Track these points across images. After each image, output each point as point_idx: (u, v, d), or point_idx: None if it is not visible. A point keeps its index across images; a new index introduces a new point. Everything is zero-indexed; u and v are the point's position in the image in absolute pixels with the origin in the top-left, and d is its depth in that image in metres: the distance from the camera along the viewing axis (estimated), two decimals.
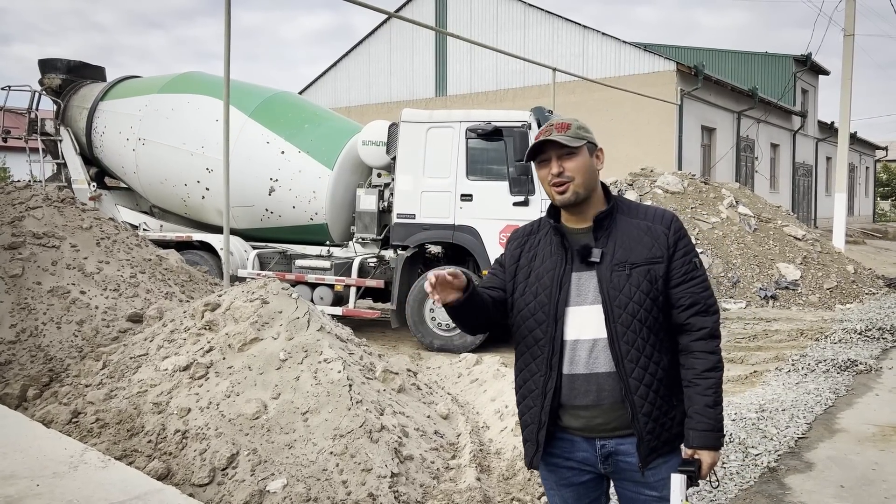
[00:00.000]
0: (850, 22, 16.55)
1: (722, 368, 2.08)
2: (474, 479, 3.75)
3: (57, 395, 4.37)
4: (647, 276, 2.03)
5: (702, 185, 14.83)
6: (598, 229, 2.09)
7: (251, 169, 9.17)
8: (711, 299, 2.08)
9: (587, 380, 2.06)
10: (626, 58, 20.29)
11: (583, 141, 2.06)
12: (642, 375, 2.02)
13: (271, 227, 9.58)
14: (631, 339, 2.01)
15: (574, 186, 2.05)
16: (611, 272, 2.04)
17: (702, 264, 2.12)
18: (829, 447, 4.83)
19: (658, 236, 2.07)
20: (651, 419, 2.02)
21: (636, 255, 2.04)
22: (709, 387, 2.03)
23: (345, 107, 23.86)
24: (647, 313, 2.02)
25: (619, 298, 2.02)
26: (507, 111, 8.52)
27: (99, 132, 10.26)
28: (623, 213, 2.11)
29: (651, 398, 2.02)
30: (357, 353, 4.66)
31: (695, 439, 2.03)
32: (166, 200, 10.16)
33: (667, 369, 2.06)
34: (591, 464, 2.12)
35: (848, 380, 6.68)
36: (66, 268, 5.65)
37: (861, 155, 37.73)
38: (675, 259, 2.06)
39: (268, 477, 3.51)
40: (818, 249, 13.71)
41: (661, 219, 2.11)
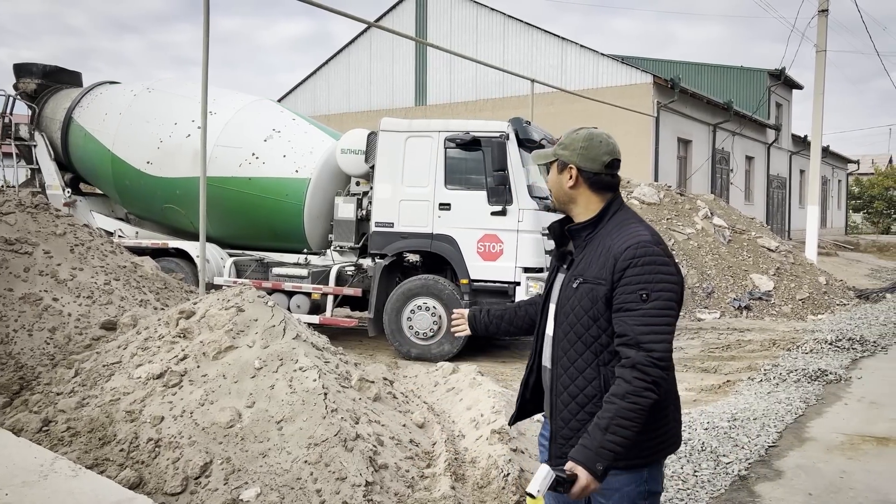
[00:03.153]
0: (821, 38, 16.88)
1: (634, 403, 1.94)
2: (449, 487, 3.77)
3: (27, 404, 4.31)
4: (590, 294, 2.09)
5: (677, 196, 15.01)
6: (574, 238, 2.23)
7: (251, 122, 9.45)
8: (647, 336, 1.96)
9: (547, 373, 2.27)
10: (603, 70, 20.50)
11: (551, 157, 2.26)
12: (568, 383, 2.13)
13: (249, 216, 9.24)
14: (566, 346, 2.14)
15: (553, 197, 2.30)
16: (568, 281, 2.18)
17: (659, 298, 1.99)
18: (798, 456, 4.91)
19: (608, 260, 2.07)
20: (567, 426, 2.13)
21: (589, 272, 2.11)
22: (609, 411, 1.95)
23: (324, 115, 23.83)
24: (584, 329, 2.10)
25: (565, 307, 2.16)
26: (485, 121, 8.58)
27: (74, 137, 10.15)
28: (607, 231, 2.15)
29: (572, 407, 2.11)
30: (333, 361, 4.65)
31: (575, 451, 1.98)
32: (147, 215, 10.14)
33: (601, 390, 2.06)
34: None
35: (818, 389, 6.78)
36: (38, 274, 5.58)
37: (834, 168, 38.39)
38: (619, 286, 2.03)
39: (241, 486, 3.49)
40: (791, 261, 13.93)
41: (620, 244, 2.06)
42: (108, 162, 9.85)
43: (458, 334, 2.39)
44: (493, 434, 4.32)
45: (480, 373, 5.74)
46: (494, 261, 7.93)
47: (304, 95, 25.93)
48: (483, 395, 5.13)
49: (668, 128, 20.60)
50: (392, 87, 24.04)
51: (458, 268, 8.05)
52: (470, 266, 7.98)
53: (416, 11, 23.43)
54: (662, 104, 19.92)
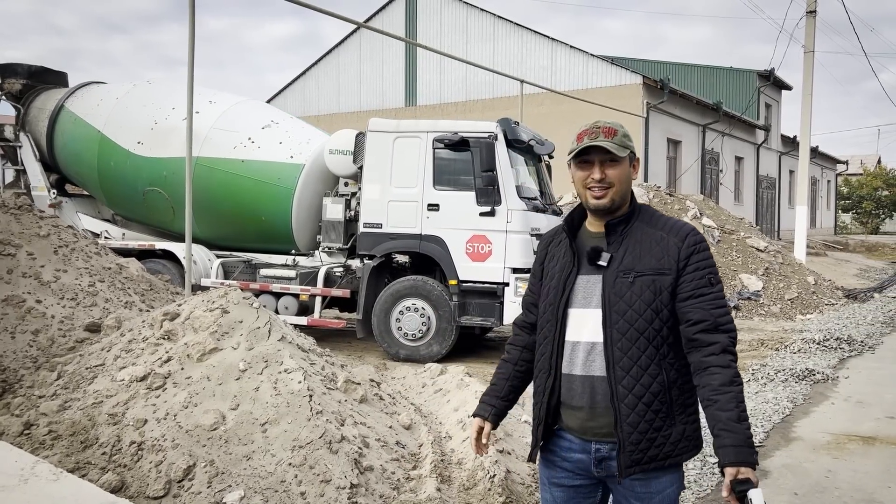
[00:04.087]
0: (809, 39, 16.97)
1: (741, 383, 1.96)
2: (434, 489, 3.75)
3: (9, 407, 4.27)
4: (652, 286, 2.01)
5: (667, 196, 15.05)
6: (610, 234, 2.09)
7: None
8: (724, 318, 2.00)
9: (583, 382, 2.07)
10: (593, 71, 20.55)
11: (627, 150, 2.07)
12: (632, 385, 1.99)
13: (237, 200, 9.07)
14: (625, 346, 2.00)
15: (612, 194, 2.06)
16: (615, 278, 2.03)
17: (718, 282, 2.04)
18: (784, 455, 4.92)
19: (669, 248, 2.03)
20: (636, 430, 1.99)
21: (643, 264, 2.03)
22: (730, 401, 1.91)
23: (314, 115, 23.77)
24: (647, 323, 2.00)
25: (619, 304, 2.01)
26: (473, 122, 8.57)
27: (60, 146, 10.07)
28: (643, 222, 2.10)
29: (639, 409, 1.98)
30: (319, 363, 4.63)
31: (726, 456, 1.86)
32: (130, 210, 9.99)
33: (665, 385, 2.01)
34: (585, 467, 2.11)
35: (805, 389, 6.81)
36: (21, 276, 5.53)
37: (823, 169, 38.61)
38: (686, 273, 2.01)
39: (225, 489, 3.46)
40: (780, 261, 13.99)
41: (677, 231, 2.07)
42: (96, 143, 9.66)
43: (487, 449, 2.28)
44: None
45: (468, 374, 5.73)
46: (483, 261, 7.92)
47: (294, 96, 25.87)
48: (471, 396, 5.12)
49: (658, 128, 20.66)
50: (382, 87, 24.01)
51: (446, 269, 8.03)
52: (459, 267, 7.97)
53: (406, 12, 23.41)
54: (652, 105, 19.98)
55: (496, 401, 2.32)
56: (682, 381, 2.06)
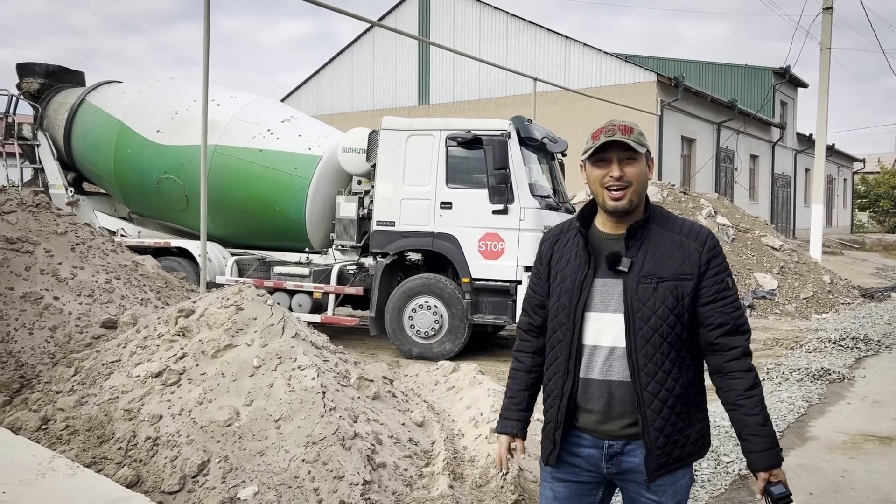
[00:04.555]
0: (826, 35, 16.82)
1: (761, 385, 2.03)
2: (447, 486, 3.76)
3: (27, 402, 4.32)
4: (674, 291, 2.01)
5: (681, 195, 14.97)
6: (630, 238, 2.06)
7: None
8: (742, 319, 2.04)
9: (600, 385, 2.07)
10: (607, 68, 20.47)
11: (644, 148, 2.04)
12: (658, 390, 2.00)
13: (252, 189, 9.09)
14: (650, 352, 2.00)
15: (630, 194, 2.02)
16: (637, 283, 2.02)
17: (734, 284, 2.08)
18: (799, 455, 4.89)
19: (690, 253, 2.03)
20: (662, 434, 2.01)
21: (665, 270, 2.02)
22: (755, 405, 1.99)
23: (327, 114, 23.84)
24: (670, 328, 2.00)
25: (643, 311, 2.01)
26: (486, 120, 8.57)
27: (77, 137, 10.17)
28: (658, 225, 2.08)
29: (665, 413, 2.00)
30: (332, 360, 4.65)
31: (758, 462, 1.99)
32: (143, 202, 10.02)
33: (685, 387, 2.04)
34: (595, 463, 2.11)
35: (821, 388, 6.76)
36: (39, 273, 5.59)
37: (839, 167, 38.28)
38: (707, 277, 2.03)
39: (239, 484, 3.49)
40: (795, 260, 13.89)
41: (696, 235, 2.07)
42: (115, 132, 9.76)
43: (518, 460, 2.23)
44: (493, 433, 4.31)
45: (481, 371, 5.74)
46: (496, 259, 7.92)
47: (308, 95, 25.95)
48: (483, 393, 5.12)
49: (672, 126, 20.56)
50: (395, 86, 24.04)
51: (459, 267, 8.04)
52: (471, 265, 7.97)
53: (419, 10, 23.42)
54: (666, 103, 19.88)
55: (521, 414, 2.28)
56: (698, 381, 2.10)
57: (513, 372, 2.32)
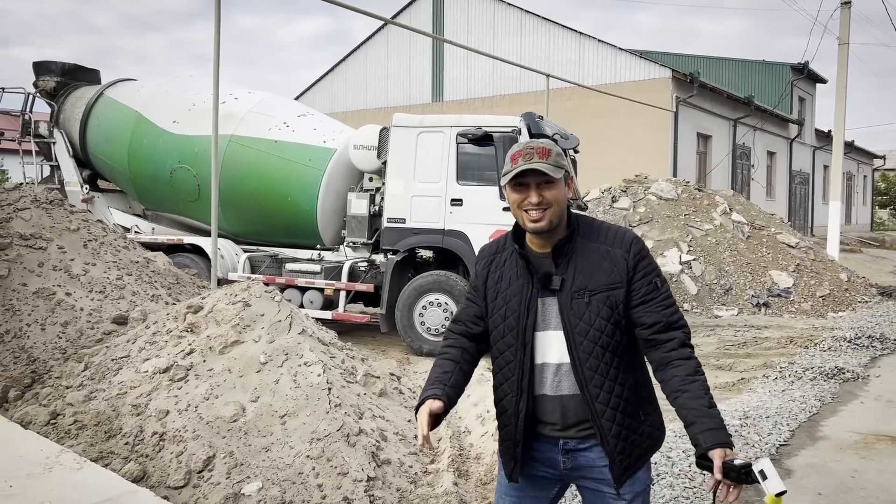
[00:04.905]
0: (844, 30, 16.60)
1: (704, 374, 2.04)
2: (451, 483, 3.76)
3: (38, 397, 4.38)
4: (607, 301, 2.03)
5: (696, 191, 14.86)
6: (557, 256, 2.08)
7: None
8: (675, 316, 2.07)
9: (552, 401, 2.11)
10: (622, 64, 20.35)
11: (562, 171, 2.04)
12: (608, 399, 2.03)
13: (265, 179, 9.12)
14: (594, 364, 2.03)
15: (550, 215, 2.04)
16: (571, 299, 2.04)
17: (664, 283, 2.10)
18: (809, 454, 4.84)
19: (617, 261, 2.06)
20: (620, 439, 2.04)
21: (595, 282, 2.04)
22: (698, 389, 1.97)
23: (342, 112, 23.90)
24: (609, 338, 2.03)
25: (580, 326, 2.03)
26: (497, 116, 8.54)
27: (93, 130, 10.26)
28: (583, 237, 2.10)
29: (618, 419, 2.04)
30: (339, 356, 4.67)
31: (709, 439, 1.90)
32: (155, 193, 10.07)
33: (633, 387, 2.08)
34: (552, 459, 2.15)
35: (834, 388, 6.68)
36: (52, 269, 5.66)
37: (859, 164, 37.82)
38: (635, 281, 2.06)
39: (243, 480, 3.51)
40: (811, 257, 13.74)
41: (620, 242, 2.09)
42: (131, 122, 9.86)
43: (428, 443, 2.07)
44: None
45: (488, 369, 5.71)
46: None
47: (322, 92, 26.02)
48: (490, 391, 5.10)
49: (688, 123, 20.40)
50: (409, 83, 24.05)
51: (469, 264, 8.02)
52: None
53: (433, 7, 23.40)
54: (681, 99, 19.73)
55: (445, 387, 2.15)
56: (643, 377, 2.14)
57: (439, 360, 2.25)
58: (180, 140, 9.50)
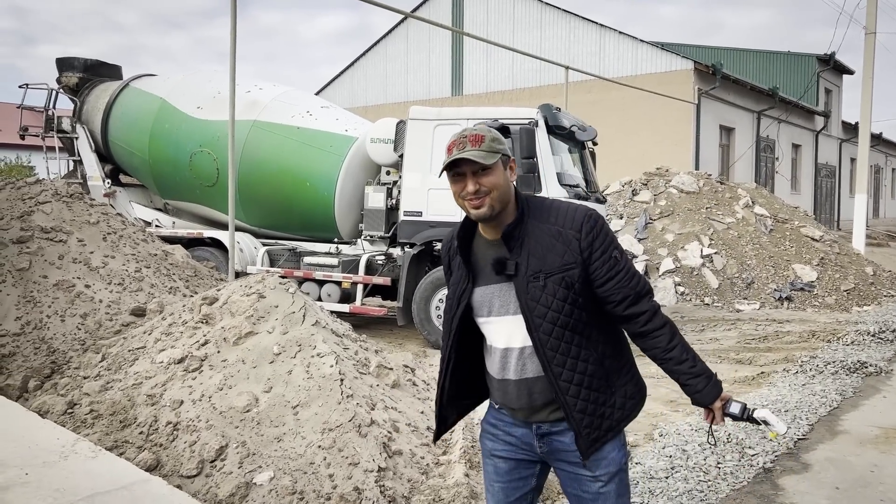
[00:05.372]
0: (871, 19, 16.29)
1: (677, 329, 2.12)
2: (462, 475, 3.75)
3: (56, 387, 4.44)
4: (563, 283, 2.03)
5: (718, 184, 14.69)
6: (509, 240, 2.07)
7: None
8: (640, 285, 2.08)
9: (518, 385, 2.13)
10: (643, 57, 20.16)
11: (497, 155, 2.03)
12: (571, 376, 2.05)
13: (285, 163, 9.20)
14: (554, 345, 2.04)
15: (490, 201, 2.03)
16: (527, 283, 2.04)
17: (622, 254, 2.09)
18: (828, 449, 4.77)
19: (570, 241, 2.04)
20: (587, 414, 2.06)
21: (549, 264, 2.03)
22: (680, 353, 2.08)
23: (362, 106, 23.95)
24: (568, 318, 2.03)
25: (538, 309, 2.03)
26: (514, 108, 8.50)
27: (116, 118, 10.38)
28: (535, 219, 2.09)
29: (584, 395, 2.06)
30: (352, 348, 4.67)
31: (704, 398, 2.09)
32: (172, 179, 10.12)
33: (598, 361, 2.08)
34: (528, 443, 2.18)
35: (856, 382, 6.58)
36: (72, 262, 5.73)
37: (887, 156, 37.14)
38: (594, 261, 2.05)
39: (255, 469, 3.54)
40: (836, 251, 13.52)
41: (571, 221, 2.06)
42: (155, 108, 10.02)
43: None
44: None
45: None
46: None
47: (342, 87, 26.10)
48: None
49: (710, 115, 20.16)
50: (428, 77, 24.03)
51: None
52: None
53: (453, 1, 23.35)
54: (704, 91, 19.51)
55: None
56: (612, 349, 2.14)
57: None
58: (203, 124, 9.63)
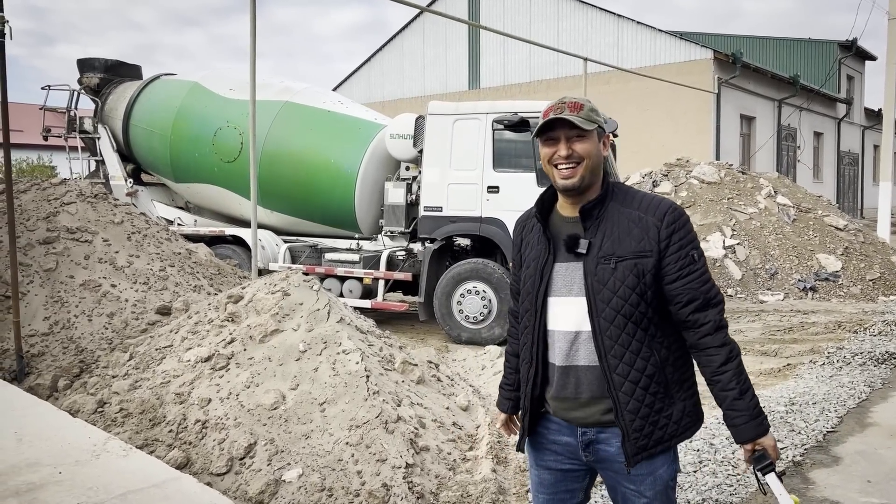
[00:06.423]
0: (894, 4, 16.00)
1: (737, 356, 1.99)
2: (490, 470, 3.75)
3: (86, 386, 4.49)
4: (634, 270, 1.95)
5: (739, 174, 14.53)
6: (586, 219, 2.01)
7: None
8: (712, 292, 1.98)
9: (565, 372, 2.03)
10: (661, 46, 19.98)
11: (594, 124, 1.97)
12: (627, 371, 1.95)
13: (311, 139, 9.31)
14: (614, 333, 1.95)
15: (582, 170, 1.97)
16: (596, 264, 1.97)
17: (701, 256, 2.00)
18: (858, 441, 4.71)
19: (649, 229, 1.97)
20: (638, 416, 1.96)
21: (624, 248, 1.96)
22: (731, 379, 1.95)
23: (379, 101, 23.96)
24: (633, 308, 1.95)
25: (603, 292, 1.96)
26: (533, 102, 8.45)
27: (135, 129, 10.47)
28: (617, 202, 2.02)
29: (637, 394, 1.96)
30: (377, 344, 4.69)
31: (738, 435, 1.97)
32: (190, 156, 10.13)
33: (659, 365, 1.98)
34: (573, 451, 2.10)
35: (885, 373, 6.49)
36: (97, 262, 5.79)
37: None
38: (669, 254, 1.96)
39: (284, 466, 3.56)
40: (861, 240, 13.33)
41: (654, 210, 1.99)
42: (186, 90, 10.21)
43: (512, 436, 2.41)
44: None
45: None
46: None
47: (359, 82, 26.12)
48: None
49: (730, 104, 19.95)
50: (445, 71, 23.98)
51: (507, 251, 7.98)
52: None
53: None
54: (724, 80, 19.30)
55: (511, 392, 2.35)
56: (675, 358, 2.03)
57: (506, 355, 2.40)
58: (233, 104, 9.74)
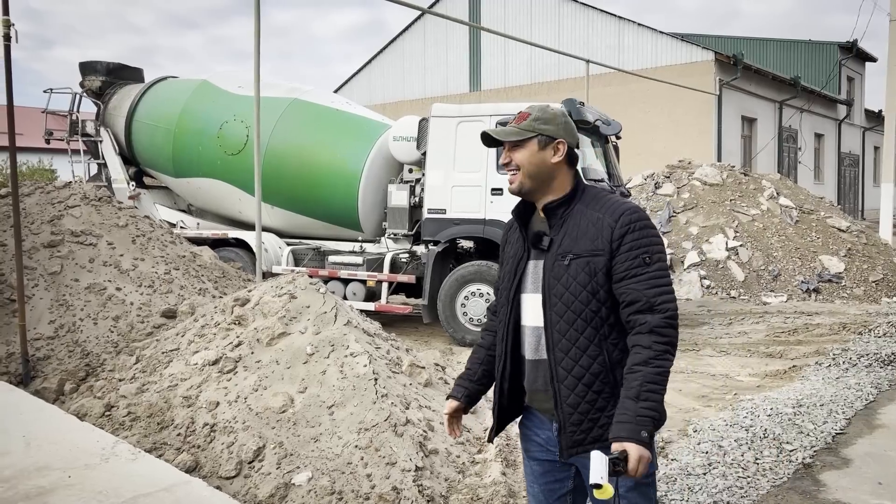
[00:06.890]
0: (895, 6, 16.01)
1: (659, 365, 1.92)
2: (499, 473, 3.74)
3: (92, 389, 4.48)
4: (586, 268, 2.00)
5: (741, 176, 14.53)
6: (550, 217, 2.11)
7: None
8: (659, 298, 1.95)
9: (535, 366, 2.12)
10: (662, 48, 19.98)
11: (529, 133, 2.08)
12: (571, 366, 2.01)
13: (318, 135, 9.33)
14: (563, 328, 2.02)
15: (521, 177, 2.10)
16: (553, 261, 2.05)
17: (658, 260, 1.99)
18: (867, 443, 4.69)
19: (603, 229, 2.02)
20: (577, 411, 2.01)
21: (579, 247, 2.03)
22: (635, 379, 1.91)
23: (380, 103, 23.95)
24: (583, 305, 2.00)
25: (557, 287, 2.03)
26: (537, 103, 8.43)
27: (137, 132, 10.45)
28: (583, 204, 2.09)
29: (579, 390, 2.00)
30: (384, 347, 4.67)
31: (611, 431, 1.91)
32: (192, 149, 10.08)
33: (607, 365, 2.01)
34: (553, 444, 2.15)
35: (891, 374, 6.48)
36: (102, 265, 5.78)
37: None
38: (620, 254, 1.99)
39: (293, 470, 3.54)
40: (863, 241, 13.33)
41: (613, 211, 2.04)
42: (194, 87, 10.24)
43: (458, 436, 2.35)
44: None
45: None
46: None
47: (360, 85, 26.12)
48: None
49: (731, 106, 19.95)
50: (446, 73, 23.99)
51: None
52: None
53: None
54: (725, 82, 19.30)
55: (469, 384, 2.34)
56: (626, 360, 2.03)
57: (475, 347, 2.42)
58: (242, 99, 9.69)
